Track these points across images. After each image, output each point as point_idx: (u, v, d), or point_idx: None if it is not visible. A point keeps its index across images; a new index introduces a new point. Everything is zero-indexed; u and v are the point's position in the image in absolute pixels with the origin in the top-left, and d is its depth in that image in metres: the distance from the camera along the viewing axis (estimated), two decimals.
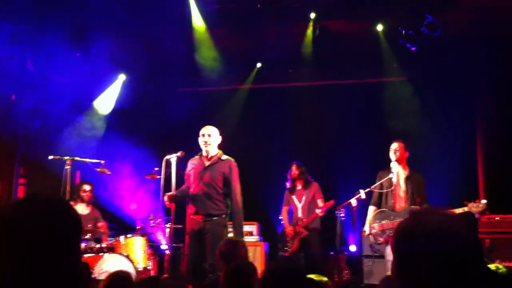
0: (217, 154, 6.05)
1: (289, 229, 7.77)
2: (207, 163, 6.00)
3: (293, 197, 7.93)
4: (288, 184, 7.96)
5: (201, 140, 6.01)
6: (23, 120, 7.80)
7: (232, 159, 6.07)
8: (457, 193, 7.20)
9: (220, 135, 6.11)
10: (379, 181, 6.55)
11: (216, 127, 6.11)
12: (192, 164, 6.10)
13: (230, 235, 6.10)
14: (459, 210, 5.89)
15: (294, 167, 7.91)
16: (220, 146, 6.14)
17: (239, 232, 5.90)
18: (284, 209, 8.03)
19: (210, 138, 5.98)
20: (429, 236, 1.52)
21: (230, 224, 6.02)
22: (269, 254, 8.24)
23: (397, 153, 6.48)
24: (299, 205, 7.86)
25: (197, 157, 6.11)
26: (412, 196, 6.35)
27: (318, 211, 7.51)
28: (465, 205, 5.91)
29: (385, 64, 8.80)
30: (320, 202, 7.70)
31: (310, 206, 7.78)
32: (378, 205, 6.56)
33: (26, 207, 1.63)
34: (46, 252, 1.57)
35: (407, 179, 6.44)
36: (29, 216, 1.60)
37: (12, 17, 6.87)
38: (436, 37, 7.57)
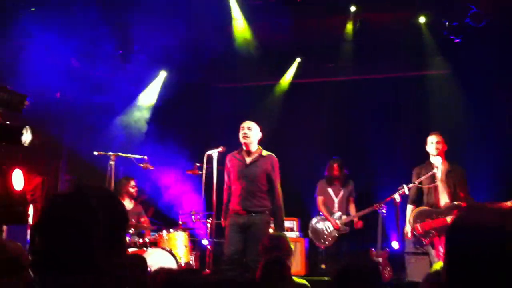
0: (257, 150, 6.01)
1: (334, 221, 7.71)
2: (248, 159, 5.95)
3: (329, 189, 7.90)
4: (326, 173, 7.94)
5: (241, 133, 5.95)
6: (68, 116, 7.97)
7: (273, 155, 6.04)
8: (502, 188, 7.01)
9: (261, 131, 6.06)
10: (417, 177, 6.32)
11: (257, 123, 6.08)
12: (232, 160, 6.04)
13: (270, 231, 6.10)
14: (509, 203, 5.70)
15: (336, 166, 7.86)
16: (259, 142, 6.10)
17: (281, 228, 5.91)
18: (320, 200, 7.94)
19: (250, 132, 5.93)
20: (484, 233, 1.47)
21: (272, 220, 6.02)
22: (309, 250, 8.19)
23: (439, 146, 6.22)
24: (336, 199, 7.83)
25: (236, 152, 6.07)
26: (455, 190, 6.15)
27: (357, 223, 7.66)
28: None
29: (428, 56, 8.62)
30: (351, 202, 7.85)
31: (346, 202, 7.83)
32: (417, 203, 6.34)
33: (80, 197, 1.68)
34: (98, 239, 1.61)
35: (449, 173, 6.21)
36: (84, 205, 1.65)
37: (57, 16, 7.03)
38: (481, 28, 7.39)
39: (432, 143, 6.27)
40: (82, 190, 1.73)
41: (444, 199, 6.19)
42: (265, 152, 6.02)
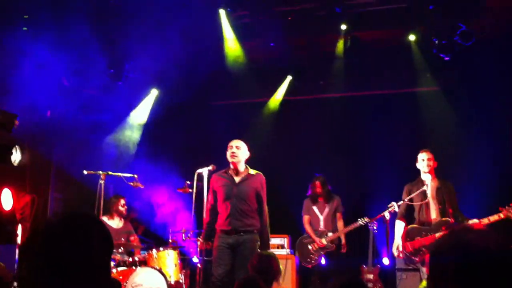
0: (245, 169, 5.98)
1: (318, 240, 7.72)
2: (237, 179, 5.92)
3: (314, 207, 7.91)
4: (309, 192, 7.95)
5: (228, 152, 5.92)
6: (58, 134, 7.97)
7: (261, 174, 6.02)
8: (493, 203, 7.03)
9: (249, 150, 6.03)
10: (407, 194, 6.37)
11: (248, 139, 6.07)
12: (219, 180, 5.98)
13: None
14: (494, 217, 5.78)
15: (318, 183, 7.88)
16: (248, 161, 6.06)
17: (267, 247, 5.89)
18: (306, 219, 7.97)
19: (238, 151, 5.90)
20: (465, 254, 1.54)
21: None
22: (300, 266, 8.17)
23: (431, 163, 6.26)
24: (321, 217, 7.84)
25: (222, 172, 6.02)
26: (444, 207, 6.17)
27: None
28: (500, 211, 5.77)
29: (418, 74, 8.69)
30: (338, 217, 7.82)
31: (332, 219, 7.82)
32: (407, 218, 6.39)
33: (64, 225, 1.70)
34: (80, 267, 1.62)
35: (438, 189, 6.25)
36: (66, 234, 1.66)
37: (47, 35, 7.05)
38: (470, 46, 7.45)
39: (424, 160, 6.31)
40: (68, 220, 1.74)
41: (434, 216, 6.21)
42: (252, 171, 6.00)
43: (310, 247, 7.78)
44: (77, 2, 6.92)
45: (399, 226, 6.41)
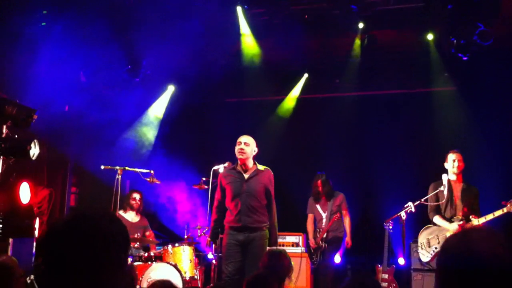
0: (253, 165, 5.96)
1: (311, 241, 7.71)
2: (246, 175, 5.89)
3: (317, 206, 7.90)
4: (312, 191, 7.94)
5: (237, 148, 5.88)
6: (75, 130, 8.02)
7: (269, 169, 6.01)
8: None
9: (259, 146, 6.00)
10: (431, 193, 6.38)
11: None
12: (227, 176, 5.96)
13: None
14: (498, 212, 5.79)
15: (319, 182, 7.84)
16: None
17: (275, 244, 5.89)
18: (309, 218, 7.95)
19: (246, 147, 5.86)
20: (471, 255, 1.55)
21: None
22: None
23: (460, 164, 6.30)
24: (324, 215, 7.81)
25: (231, 168, 6.02)
26: (469, 209, 6.18)
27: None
28: (504, 206, 5.76)
29: (435, 74, 8.63)
30: (344, 215, 7.76)
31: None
32: (439, 212, 6.37)
33: (79, 223, 1.69)
34: (96, 265, 1.62)
35: (464, 191, 6.30)
36: (82, 231, 1.66)
37: (65, 30, 7.10)
38: (488, 46, 7.39)
39: (454, 160, 6.34)
40: (85, 213, 1.74)
41: (459, 216, 6.24)
42: (261, 167, 5.97)
43: (310, 247, 7.80)
44: None
45: (439, 220, 6.35)
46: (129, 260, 6.44)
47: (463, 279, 1.52)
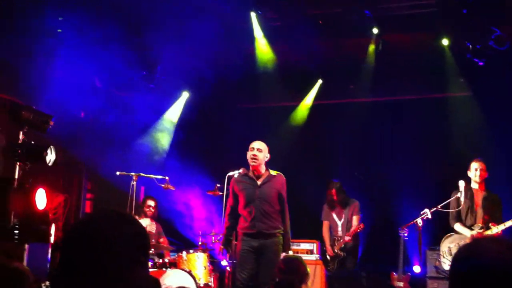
0: (266, 170, 5.93)
1: (329, 250, 7.66)
2: (259, 181, 5.87)
3: (333, 214, 7.82)
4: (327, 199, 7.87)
5: (249, 154, 5.86)
6: (91, 135, 8.05)
7: (282, 174, 5.98)
8: None
9: (271, 152, 5.97)
10: (456, 200, 6.32)
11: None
12: (240, 182, 5.94)
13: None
14: (509, 222, 5.76)
15: (333, 191, 7.75)
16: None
17: (288, 248, 5.86)
18: (325, 225, 7.86)
19: (259, 153, 5.83)
20: (483, 263, 1.55)
21: None
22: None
23: (482, 173, 6.28)
24: (339, 223, 7.73)
25: (242, 174, 5.98)
26: (490, 217, 6.15)
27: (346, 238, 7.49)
28: None
29: (450, 79, 8.57)
30: (354, 220, 7.63)
31: (350, 224, 7.68)
32: (461, 221, 6.34)
33: (103, 222, 1.68)
34: (118, 264, 1.60)
35: (485, 199, 6.27)
36: (105, 230, 1.64)
37: (81, 36, 7.13)
38: (504, 51, 7.33)
39: (477, 169, 6.33)
40: (107, 213, 1.73)
41: (480, 224, 6.22)
42: (273, 172, 5.95)
43: (327, 255, 7.74)
44: (111, 4, 6.99)
45: (460, 227, 6.31)
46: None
47: (470, 283, 1.52)
